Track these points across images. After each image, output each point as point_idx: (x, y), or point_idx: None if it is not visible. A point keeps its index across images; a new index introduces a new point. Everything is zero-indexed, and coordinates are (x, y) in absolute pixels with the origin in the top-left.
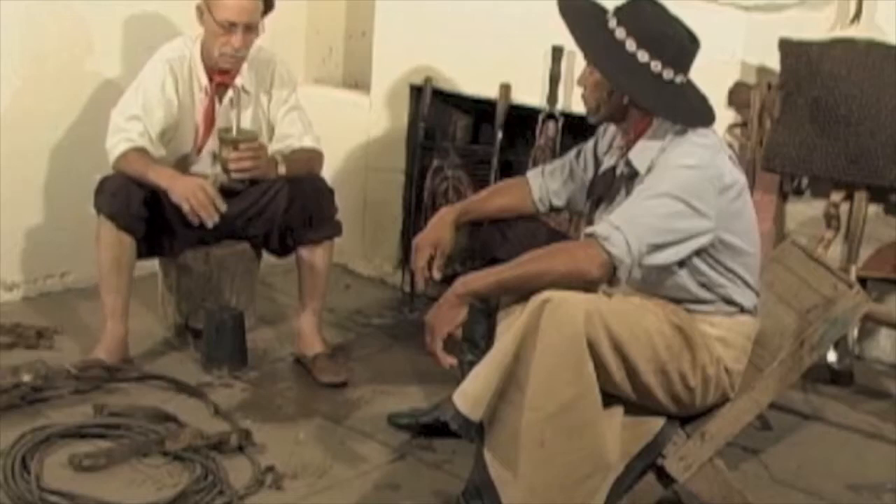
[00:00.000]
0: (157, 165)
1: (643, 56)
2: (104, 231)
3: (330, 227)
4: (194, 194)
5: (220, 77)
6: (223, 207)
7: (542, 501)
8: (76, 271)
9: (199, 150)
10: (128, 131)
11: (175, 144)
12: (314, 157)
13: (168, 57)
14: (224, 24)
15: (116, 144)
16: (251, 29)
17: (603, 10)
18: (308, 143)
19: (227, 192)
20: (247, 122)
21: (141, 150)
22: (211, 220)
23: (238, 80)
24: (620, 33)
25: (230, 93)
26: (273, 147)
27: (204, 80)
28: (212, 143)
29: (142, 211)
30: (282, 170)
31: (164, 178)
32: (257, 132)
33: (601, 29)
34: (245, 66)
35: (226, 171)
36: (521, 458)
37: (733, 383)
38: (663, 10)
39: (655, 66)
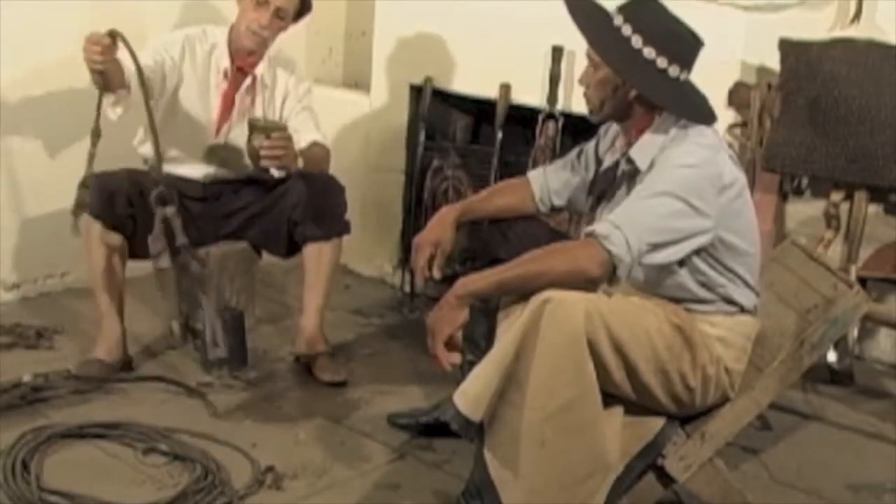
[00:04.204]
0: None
1: (650, 53)
2: (92, 231)
3: (340, 224)
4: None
5: (243, 62)
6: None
7: (542, 501)
8: (76, 271)
9: (218, 132)
10: None
11: (184, 118)
12: (324, 155)
13: (187, 32)
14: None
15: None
16: (280, 15)
17: (606, 10)
18: (318, 138)
19: (252, 181)
20: (260, 115)
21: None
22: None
23: (259, 69)
24: (627, 30)
25: (248, 80)
26: None
27: (225, 63)
28: (234, 128)
29: (127, 209)
30: (300, 164)
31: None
32: (284, 123)
33: (608, 26)
34: (266, 60)
35: (255, 158)
36: (522, 458)
37: (733, 383)
38: (666, 9)
39: (662, 62)
